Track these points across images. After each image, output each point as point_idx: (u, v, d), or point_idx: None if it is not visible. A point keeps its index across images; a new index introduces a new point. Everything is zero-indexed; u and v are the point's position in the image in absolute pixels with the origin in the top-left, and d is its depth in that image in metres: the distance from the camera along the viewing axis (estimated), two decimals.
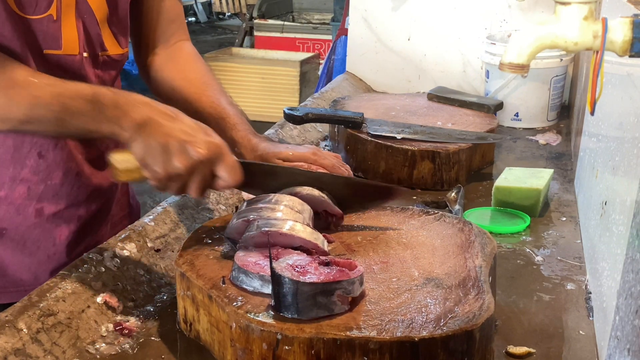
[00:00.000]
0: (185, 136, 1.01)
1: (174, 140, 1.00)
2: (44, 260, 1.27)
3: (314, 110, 1.79)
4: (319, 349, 0.87)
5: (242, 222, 1.06)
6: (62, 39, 1.18)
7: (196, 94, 1.36)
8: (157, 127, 1.01)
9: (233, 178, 1.05)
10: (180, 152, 1.00)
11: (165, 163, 1.00)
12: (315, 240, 1.03)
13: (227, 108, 1.35)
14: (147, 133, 1.01)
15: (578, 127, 1.81)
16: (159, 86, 1.41)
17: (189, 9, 11.13)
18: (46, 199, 1.25)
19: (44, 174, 1.23)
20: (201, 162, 1.01)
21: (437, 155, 1.63)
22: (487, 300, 0.94)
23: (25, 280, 1.26)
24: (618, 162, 1.10)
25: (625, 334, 0.77)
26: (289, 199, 1.09)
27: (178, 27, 1.44)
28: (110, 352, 1.01)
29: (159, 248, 1.25)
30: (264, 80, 6.19)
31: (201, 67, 1.43)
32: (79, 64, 1.21)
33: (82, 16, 1.20)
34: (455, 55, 2.38)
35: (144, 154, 1.01)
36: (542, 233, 1.43)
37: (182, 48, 1.44)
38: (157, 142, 1.00)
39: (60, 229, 1.28)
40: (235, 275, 0.99)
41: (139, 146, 1.02)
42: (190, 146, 1.00)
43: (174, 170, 1.01)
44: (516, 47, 1.07)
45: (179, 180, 1.02)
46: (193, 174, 1.02)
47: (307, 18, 8.27)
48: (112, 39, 1.28)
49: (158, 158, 1.00)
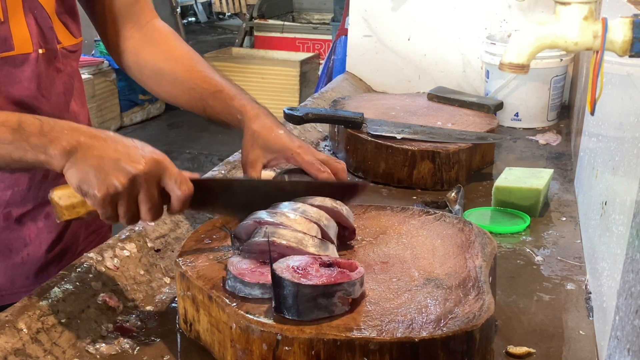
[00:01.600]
0: (118, 154, 0.96)
1: (107, 160, 0.95)
2: (19, 264, 1.25)
3: (314, 110, 1.78)
4: (319, 350, 0.87)
5: (253, 222, 1.04)
6: (13, 39, 1.14)
7: (186, 72, 1.31)
8: (88, 150, 0.96)
9: (182, 189, 0.99)
10: (115, 170, 0.95)
11: (101, 184, 0.94)
12: (324, 252, 1.00)
13: (222, 81, 1.30)
14: (78, 158, 0.95)
15: (578, 127, 1.81)
16: (143, 70, 1.35)
17: (189, 9, 11.12)
18: (14, 204, 1.22)
19: (9, 180, 1.21)
20: (140, 175, 0.95)
21: (437, 155, 1.63)
22: (487, 300, 0.94)
23: (1, 284, 1.24)
24: (618, 162, 1.10)
25: (625, 334, 0.77)
26: (305, 207, 1.06)
27: (143, 6, 1.37)
28: (110, 352, 1.01)
29: (159, 248, 1.25)
30: (264, 80, 6.19)
31: (183, 45, 1.37)
32: (35, 61, 1.17)
33: (32, 12, 1.16)
34: (455, 55, 2.38)
35: (78, 180, 0.95)
36: (542, 233, 1.43)
37: (157, 28, 1.37)
38: (89, 165, 0.95)
39: (29, 228, 1.25)
40: (231, 284, 0.97)
41: (72, 173, 0.95)
42: (125, 162, 0.95)
43: (112, 189, 0.94)
44: (516, 47, 1.07)
45: (123, 202, 0.96)
46: (135, 192, 0.96)
47: (307, 18, 8.27)
48: (64, 30, 1.23)
49: (93, 181, 0.94)
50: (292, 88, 6.16)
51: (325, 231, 1.05)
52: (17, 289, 1.24)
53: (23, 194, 1.23)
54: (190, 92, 1.30)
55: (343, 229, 1.11)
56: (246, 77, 6.20)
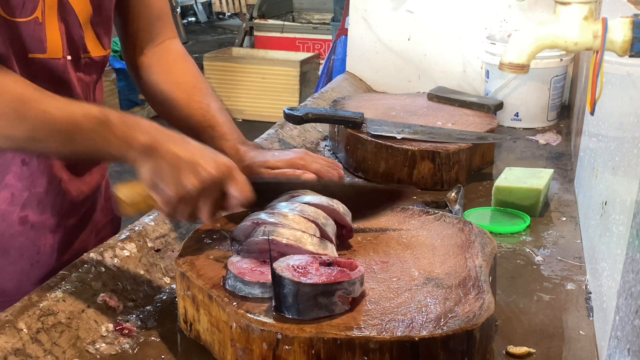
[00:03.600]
0: (194, 157, 1.01)
1: (183, 162, 1.00)
2: (27, 269, 1.25)
3: (314, 110, 1.79)
4: (319, 349, 0.87)
5: (251, 224, 1.05)
6: (47, 42, 1.15)
7: (185, 100, 1.33)
8: (166, 149, 1.00)
9: (244, 196, 1.04)
10: (190, 173, 0.99)
11: (175, 184, 0.99)
12: (323, 251, 1.01)
13: (217, 116, 1.32)
14: (156, 155, 1.00)
15: (578, 127, 1.81)
16: (148, 88, 1.38)
17: (189, 9, 11.13)
18: (30, 207, 1.22)
19: (27, 181, 1.21)
20: (212, 181, 1.01)
21: (437, 155, 1.63)
22: (487, 300, 0.94)
23: (8, 289, 1.23)
24: (618, 162, 1.10)
25: (625, 334, 0.77)
26: (303, 207, 1.07)
27: (165, 25, 1.40)
28: (110, 352, 1.01)
29: (159, 248, 1.25)
30: (264, 80, 6.19)
31: (190, 69, 1.40)
32: (63, 67, 1.18)
33: (64, 18, 1.17)
34: (455, 55, 2.38)
35: (153, 176, 1.00)
36: (542, 233, 1.43)
37: (169, 48, 1.40)
38: (166, 164, 1.00)
39: (45, 237, 1.25)
40: (231, 283, 0.97)
41: (147, 168, 1.00)
42: (200, 167, 1.00)
43: (184, 191, 1.00)
44: (516, 47, 1.07)
45: (190, 203, 1.01)
46: (203, 195, 1.01)
47: (307, 18, 8.27)
48: (95, 41, 1.25)
49: (168, 179, 1.00)
50: (292, 88, 6.16)
51: (323, 229, 1.05)
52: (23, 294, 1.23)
53: (40, 197, 1.22)
54: (185, 120, 1.33)
55: (341, 228, 1.11)
56: (246, 77, 6.21)
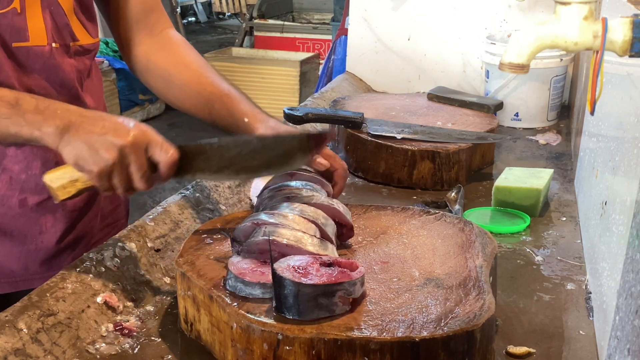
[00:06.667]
0: (106, 130, 1.03)
1: (97, 136, 1.02)
2: (33, 250, 1.28)
3: (314, 110, 1.79)
4: (320, 349, 0.87)
5: (252, 224, 1.05)
6: (29, 31, 1.19)
7: (194, 77, 1.35)
8: (80, 128, 1.03)
9: (167, 155, 1.05)
10: (104, 144, 1.02)
11: (95, 160, 1.02)
12: (323, 252, 1.01)
13: (229, 87, 1.34)
14: (72, 135, 1.03)
15: (578, 127, 1.81)
16: (152, 74, 1.40)
17: (189, 9, 11.12)
18: (29, 190, 1.26)
19: (23, 164, 1.25)
20: (127, 146, 1.02)
21: (437, 155, 1.63)
22: (488, 300, 0.94)
23: (16, 271, 1.28)
24: (618, 162, 1.10)
25: (625, 334, 0.77)
26: (302, 207, 1.07)
27: (159, 16, 1.43)
28: (110, 352, 1.01)
29: (159, 248, 1.25)
30: (264, 80, 6.19)
31: (194, 53, 1.42)
32: (49, 54, 1.22)
33: (48, 7, 1.21)
34: (455, 55, 2.38)
35: (74, 156, 1.03)
36: (542, 233, 1.43)
37: (170, 36, 1.43)
38: (82, 143, 1.02)
39: (45, 217, 1.29)
40: (232, 284, 0.98)
41: (67, 150, 1.03)
42: (114, 136, 1.02)
43: (105, 164, 1.02)
44: (516, 47, 1.07)
45: (116, 174, 1.03)
46: (126, 163, 1.03)
47: (307, 18, 8.27)
48: (81, 29, 1.28)
49: (88, 157, 1.02)
50: (292, 88, 6.15)
51: (323, 230, 1.05)
52: (31, 275, 1.28)
53: (37, 179, 1.25)
54: (197, 96, 1.34)
55: (341, 227, 1.11)
56: (246, 77, 6.20)
